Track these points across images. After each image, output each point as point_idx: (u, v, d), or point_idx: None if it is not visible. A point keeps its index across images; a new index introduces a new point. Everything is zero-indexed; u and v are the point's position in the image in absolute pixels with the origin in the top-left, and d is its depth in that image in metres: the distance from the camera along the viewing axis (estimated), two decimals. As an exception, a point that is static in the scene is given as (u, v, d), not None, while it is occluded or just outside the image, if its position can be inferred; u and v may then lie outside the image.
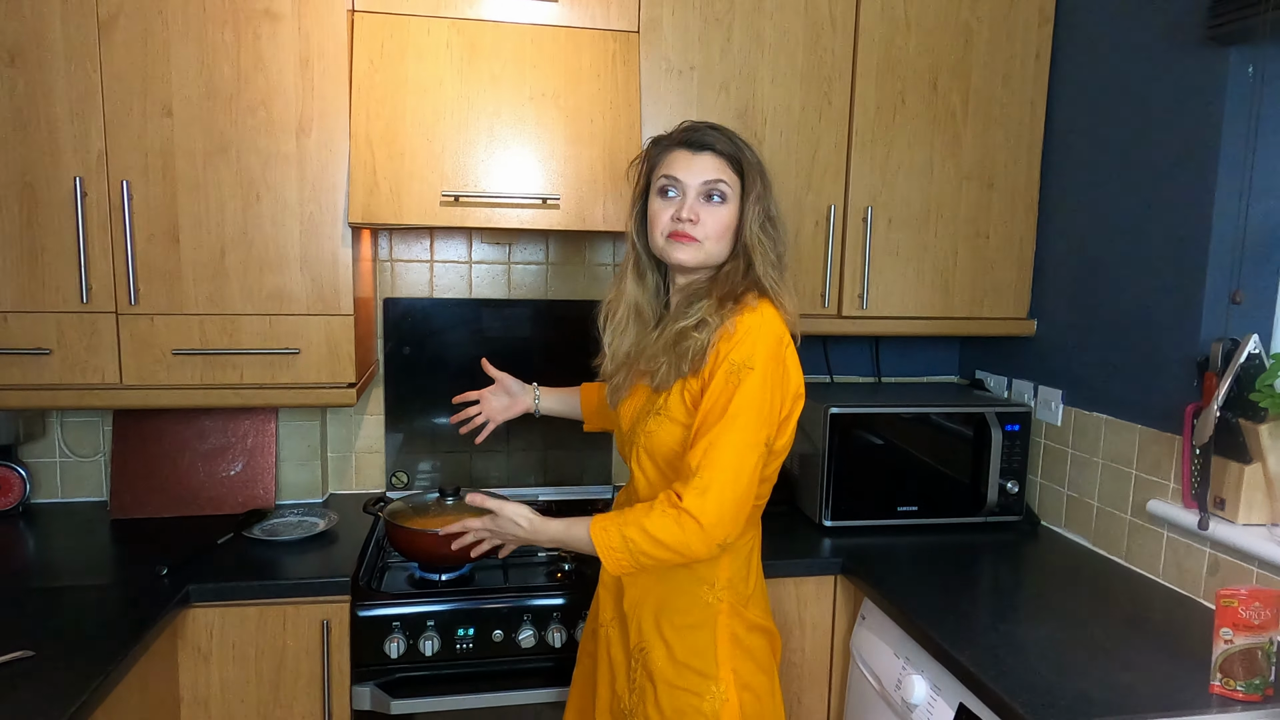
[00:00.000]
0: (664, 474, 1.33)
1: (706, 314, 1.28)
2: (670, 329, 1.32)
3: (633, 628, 1.36)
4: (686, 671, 1.31)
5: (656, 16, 1.85)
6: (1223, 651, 1.24)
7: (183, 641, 1.59)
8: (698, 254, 1.32)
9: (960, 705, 1.36)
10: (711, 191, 1.31)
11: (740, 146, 1.34)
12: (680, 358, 1.27)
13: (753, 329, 1.25)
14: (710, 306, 1.28)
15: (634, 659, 1.35)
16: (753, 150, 1.36)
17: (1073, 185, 1.97)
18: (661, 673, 1.32)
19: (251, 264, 1.73)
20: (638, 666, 1.35)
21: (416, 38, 1.73)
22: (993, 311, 2.08)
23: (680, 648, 1.32)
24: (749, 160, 1.33)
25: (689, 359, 1.27)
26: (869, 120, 1.96)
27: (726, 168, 1.32)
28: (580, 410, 1.74)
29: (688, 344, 1.27)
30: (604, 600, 1.43)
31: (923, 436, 2.01)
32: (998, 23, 1.99)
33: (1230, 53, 1.54)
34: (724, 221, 1.31)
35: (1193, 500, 1.59)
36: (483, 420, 1.72)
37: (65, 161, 1.64)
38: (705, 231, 1.30)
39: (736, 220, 1.32)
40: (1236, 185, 1.56)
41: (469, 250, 2.19)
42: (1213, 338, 1.57)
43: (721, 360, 1.24)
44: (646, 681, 1.33)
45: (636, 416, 1.36)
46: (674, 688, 1.31)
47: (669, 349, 1.30)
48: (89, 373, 1.70)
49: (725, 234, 1.32)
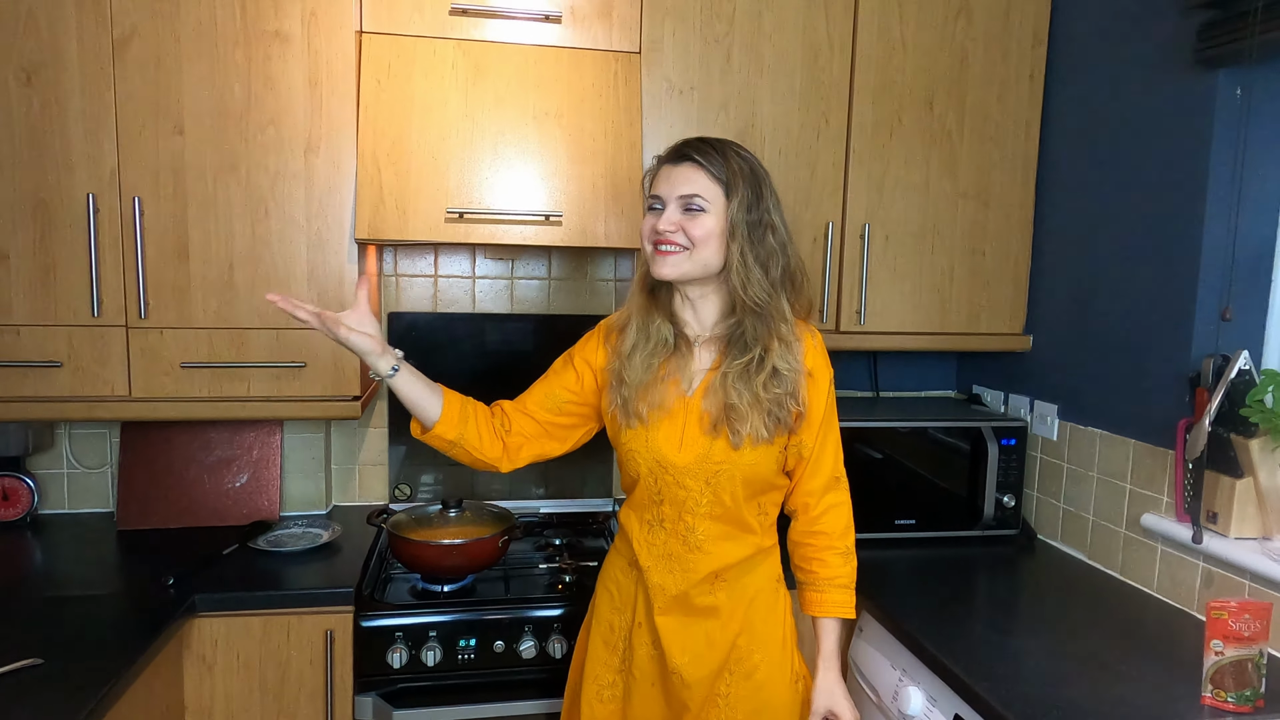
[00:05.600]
0: (754, 500, 1.38)
1: (778, 361, 1.32)
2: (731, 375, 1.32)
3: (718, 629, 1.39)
4: (784, 662, 1.42)
5: (658, 38, 1.89)
6: (1214, 663, 1.26)
7: (188, 651, 1.61)
8: (681, 264, 1.30)
9: (956, 716, 1.37)
10: (688, 204, 1.29)
11: (727, 155, 1.31)
12: (776, 413, 1.32)
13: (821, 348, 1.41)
14: (777, 352, 1.33)
15: (731, 660, 1.39)
16: (746, 159, 1.33)
17: (1066, 203, 2.00)
18: (762, 674, 1.40)
19: (259, 279, 1.76)
20: (733, 679, 1.39)
21: (423, 58, 1.77)
22: (989, 327, 2.11)
23: (773, 648, 1.41)
24: (733, 166, 1.30)
25: (785, 411, 1.33)
26: (866, 139, 2.00)
27: (704, 177, 1.29)
28: (439, 405, 1.41)
29: (773, 398, 1.32)
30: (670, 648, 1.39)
31: (920, 450, 2.04)
32: (992, 44, 2.02)
33: (1219, 75, 1.58)
34: (706, 228, 1.29)
35: (1186, 514, 1.61)
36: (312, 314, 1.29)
37: (78, 178, 1.67)
38: (686, 239, 1.29)
39: (721, 228, 1.30)
40: (1226, 204, 1.59)
41: (473, 265, 2.22)
42: (1204, 354, 1.60)
43: (818, 381, 1.38)
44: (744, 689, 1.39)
45: (707, 451, 1.33)
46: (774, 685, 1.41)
47: (751, 402, 1.31)
48: (99, 385, 1.73)
49: (710, 240, 1.29)
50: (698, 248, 1.30)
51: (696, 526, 1.35)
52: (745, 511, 1.36)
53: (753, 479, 1.34)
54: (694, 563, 1.36)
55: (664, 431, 1.35)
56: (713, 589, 1.37)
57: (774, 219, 1.33)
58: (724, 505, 1.34)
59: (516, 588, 1.79)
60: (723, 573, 1.37)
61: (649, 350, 1.37)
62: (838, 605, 1.40)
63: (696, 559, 1.35)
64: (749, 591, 1.39)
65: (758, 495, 1.37)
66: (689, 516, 1.35)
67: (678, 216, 1.30)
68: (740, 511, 1.35)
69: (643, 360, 1.36)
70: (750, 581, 1.39)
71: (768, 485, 1.37)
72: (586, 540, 2.07)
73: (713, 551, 1.36)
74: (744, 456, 1.32)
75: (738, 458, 1.31)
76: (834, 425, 1.41)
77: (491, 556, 1.78)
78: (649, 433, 1.35)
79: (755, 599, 1.40)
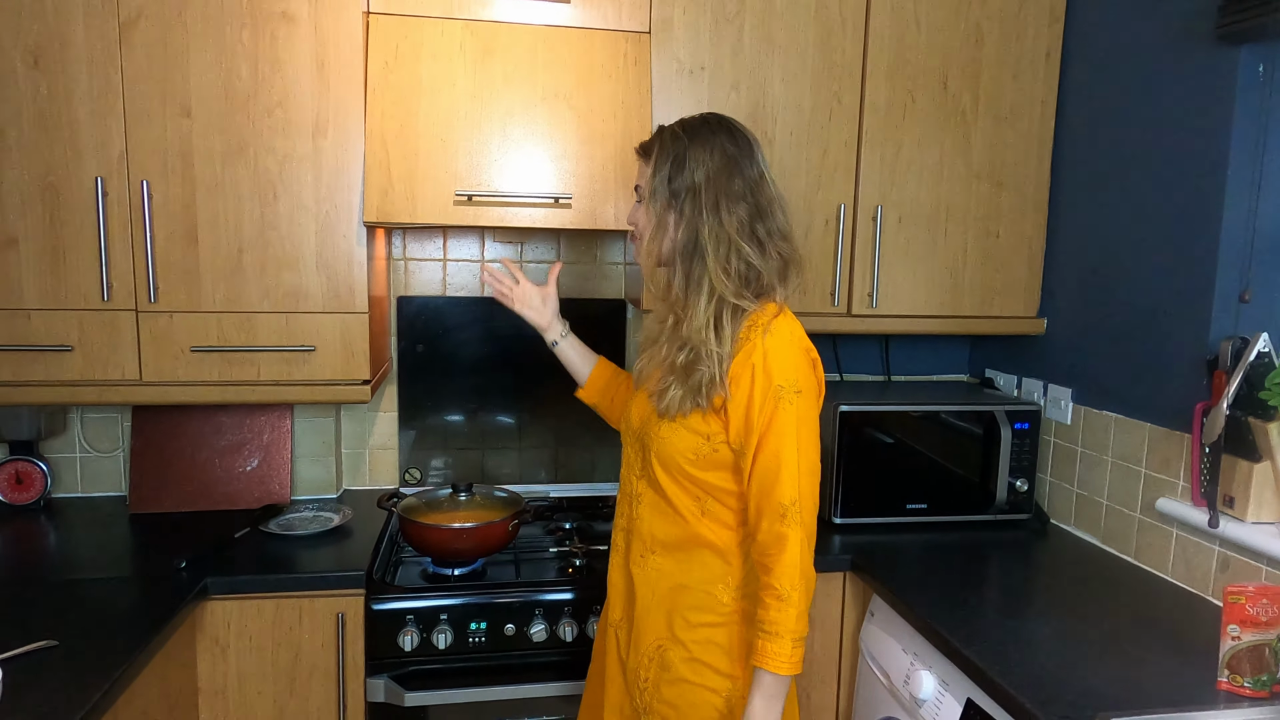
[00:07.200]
0: (680, 484, 1.31)
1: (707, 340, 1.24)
2: (670, 348, 1.30)
3: (647, 629, 1.35)
4: (705, 670, 1.31)
5: (668, 17, 1.86)
6: (1230, 648, 1.25)
7: (201, 634, 1.62)
8: (639, 252, 1.37)
9: (968, 700, 1.37)
10: (638, 195, 1.37)
11: (662, 133, 1.31)
12: (695, 392, 1.25)
13: (779, 344, 1.23)
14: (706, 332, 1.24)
15: (648, 659, 1.35)
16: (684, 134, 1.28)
17: (1082, 184, 1.97)
18: (678, 672, 1.32)
19: (269, 263, 1.75)
20: (652, 666, 1.34)
21: (430, 39, 1.75)
22: (1002, 310, 2.09)
23: (698, 648, 1.31)
24: (662, 141, 1.30)
25: (704, 394, 1.24)
26: (879, 119, 1.97)
27: (643, 165, 1.36)
28: (588, 374, 1.62)
29: (697, 378, 1.25)
30: (613, 602, 1.43)
31: (932, 434, 2.02)
32: (1008, 22, 1.99)
33: (1241, 51, 1.54)
34: (638, 215, 1.36)
35: (1202, 498, 1.59)
36: (509, 295, 1.59)
37: (87, 162, 1.67)
38: (637, 230, 1.37)
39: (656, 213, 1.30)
40: (1246, 183, 1.56)
41: (482, 249, 2.21)
42: (1222, 336, 1.58)
43: (757, 381, 1.22)
44: (662, 681, 1.33)
45: (646, 417, 1.34)
46: (692, 685, 1.31)
47: (679, 374, 1.27)
48: (109, 369, 1.73)
49: (647, 229, 1.33)
50: (640, 236, 1.36)
51: (638, 490, 1.38)
52: (670, 491, 1.32)
53: (664, 456, 1.30)
54: (636, 526, 1.38)
55: (637, 398, 1.41)
56: (644, 557, 1.36)
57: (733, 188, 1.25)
58: (649, 474, 1.35)
59: (527, 571, 1.79)
60: (653, 545, 1.35)
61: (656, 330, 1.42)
62: (758, 653, 1.21)
63: (637, 525, 1.38)
64: (676, 577, 1.33)
65: (683, 481, 1.31)
66: (633, 478, 1.40)
67: (633, 208, 1.39)
68: (665, 487, 1.32)
69: (647, 340, 1.44)
70: (680, 570, 1.33)
71: (684, 473, 1.30)
72: (596, 524, 2.06)
73: (646, 519, 1.36)
74: (660, 429, 1.30)
75: (655, 429, 1.31)
76: (790, 447, 1.22)
77: (502, 540, 1.78)
78: (630, 401, 1.44)
79: (681, 595, 1.33)
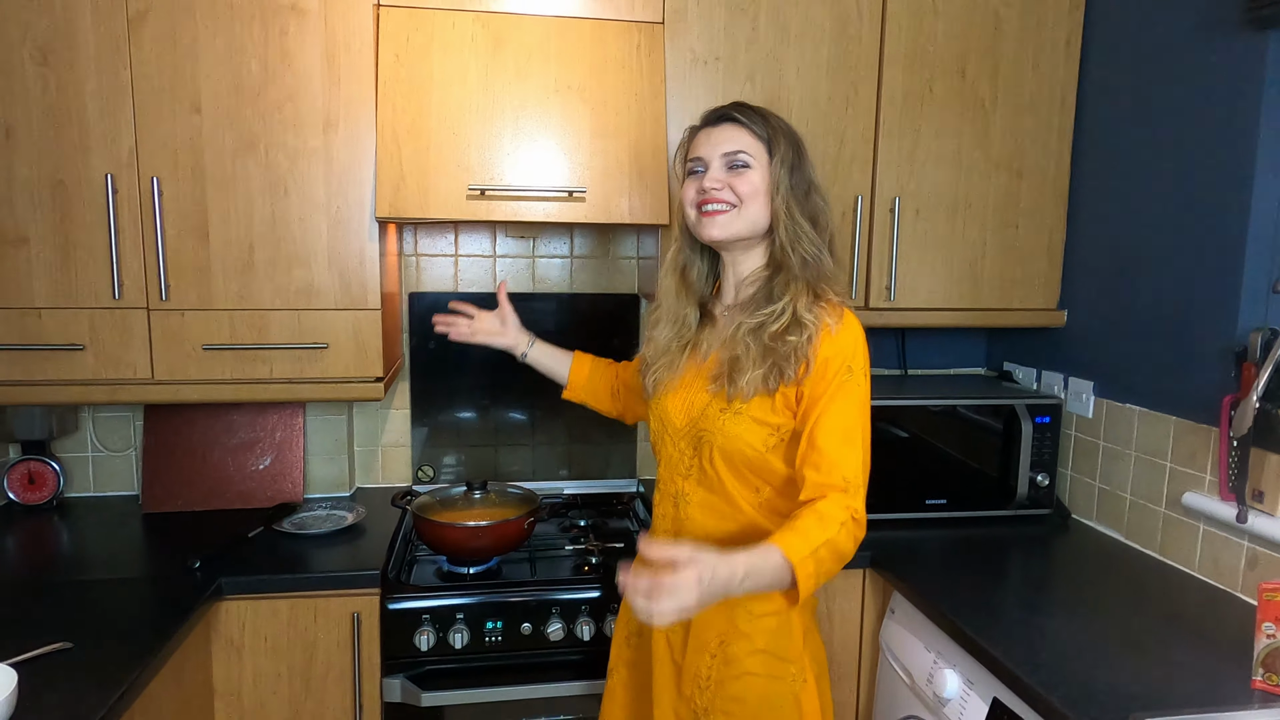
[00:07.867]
0: (741, 476, 1.29)
1: (802, 312, 1.23)
2: (745, 327, 1.27)
3: (708, 626, 1.31)
4: (770, 659, 1.30)
5: (681, 7, 1.84)
6: (1265, 646, 1.22)
7: (215, 634, 1.61)
8: (730, 224, 1.28)
9: (994, 699, 1.34)
10: (733, 161, 1.28)
11: (766, 115, 1.31)
12: (782, 363, 1.22)
13: (851, 327, 1.26)
14: (804, 304, 1.24)
15: (710, 655, 1.32)
16: (781, 120, 1.33)
17: (1104, 173, 1.94)
18: (744, 665, 1.30)
19: (280, 259, 1.74)
20: (715, 663, 1.31)
21: (441, 31, 1.73)
22: (1022, 302, 2.06)
23: (763, 638, 1.30)
24: (773, 125, 1.30)
25: (792, 365, 1.22)
26: (896, 109, 1.94)
27: (746, 135, 1.29)
28: (567, 374, 1.65)
29: (786, 349, 1.22)
30: None
31: (951, 429, 1.99)
32: (1028, 8, 1.95)
33: (1270, 36, 1.51)
34: (753, 184, 1.28)
35: (1230, 493, 1.56)
36: (466, 329, 1.64)
37: (96, 159, 1.65)
38: (734, 196, 1.28)
39: (767, 185, 1.28)
40: (1276, 171, 1.52)
41: (493, 244, 2.19)
42: (1251, 327, 1.54)
43: (832, 358, 1.22)
44: (726, 677, 1.30)
45: (700, 414, 1.30)
46: (759, 678, 1.30)
47: (757, 355, 1.24)
48: (121, 368, 1.72)
49: (757, 197, 1.28)
50: (745, 204, 1.28)
51: (685, 490, 1.34)
52: (731, 487, 1.30)
53: (731, 453, 1.28)
54: (685, 527, 1.34)
55: (675, 397, 1.36)
56: None
57: (815, 181, 1.32)
58: (705, 472, 1.31)
59: (543, 569, 1.78)
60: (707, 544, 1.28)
61: (673, 331, 1.39)
62: (781, 539, 1.13)
63: (686, 526, 1.34)
64: None
65: (744, 473, 1.29)
66: (678, 479, 1.35)
67: (723, 174, 1.29)
68: (724, 484, 1.30)
69: (664, 340, 1.40)
70: None
71: (749, 464, 1.28)
72: (611, 521, 2.05)
73: (696, 518, 1.33)
74: (724, 424, 1.26)
75: (718, 424, 1.27)
76: (855, 424, 1.23)
77: (517, 538, 1.76)
78: (662, 400, 1.38)
79: None
